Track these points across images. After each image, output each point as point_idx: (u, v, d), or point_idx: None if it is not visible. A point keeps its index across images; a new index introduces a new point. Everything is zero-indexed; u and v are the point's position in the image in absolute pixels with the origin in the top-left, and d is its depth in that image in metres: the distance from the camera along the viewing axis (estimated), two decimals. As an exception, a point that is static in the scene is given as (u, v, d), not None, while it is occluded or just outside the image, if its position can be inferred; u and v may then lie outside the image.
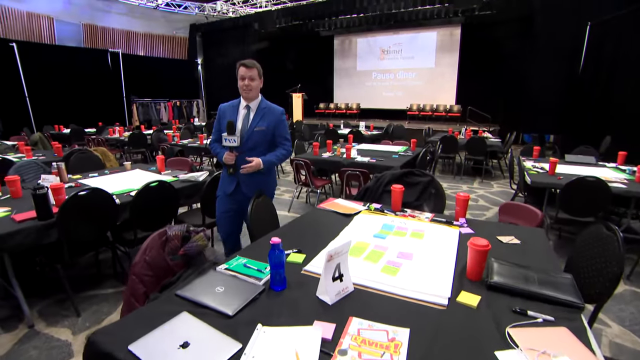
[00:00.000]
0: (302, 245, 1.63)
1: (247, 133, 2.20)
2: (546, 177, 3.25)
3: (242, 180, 2.26)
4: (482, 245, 1.29)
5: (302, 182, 4.20)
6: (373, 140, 6.40)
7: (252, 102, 2.23)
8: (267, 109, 2.26)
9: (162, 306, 1.18)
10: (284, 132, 2.32)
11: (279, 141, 2.32)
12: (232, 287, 1.27)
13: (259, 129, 2.21)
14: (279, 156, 2.31)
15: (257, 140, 2.23)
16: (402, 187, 2.10)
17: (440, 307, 1.17)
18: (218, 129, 2.30)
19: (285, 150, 2.34)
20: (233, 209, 2.36)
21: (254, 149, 2.23)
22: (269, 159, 2.26)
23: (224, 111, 2.28)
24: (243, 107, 2.24)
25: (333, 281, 1.21)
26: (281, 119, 2.29)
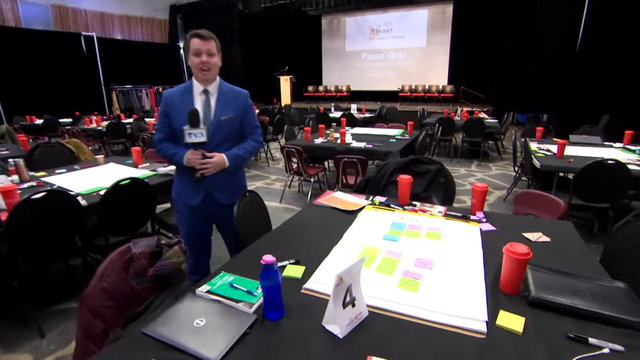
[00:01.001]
0: (300, 253, 1.37)
1: (212, 125, 1.74)
2: (555, 160, 3.04)
3: (215, 185, 1.79)
4: (522, 253, 1.05)
5: (293, 170, 3.92)
6: (366, 124, 6.11)
7: (211, 84, 1.76)
8: (230, 93, 1.81)
9: (125, 350, 0.92)
10: (253, 119, 1.89)
11: (248, 130, 1.88)
12: (216, 319, 1.01)
13: (226, 117, 1.76)
14: (249, 149, 1.86)
15: (225, 133, 1.78)
16: (410, 177, 1.84)
17: (478, 336, 0.93)
18: (167, 125, 1.77)
19: (255, 141, 1.90)
20: (199, 225, 1.89)
21: (222, 143, 1.78)
22: (236, 153, 1.81)
23: (172, 100, 1.75)
24: (199, 93, 1.75)
25: (344, 308, 0.96)
26: (249, 104, 1.88)
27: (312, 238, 1.53)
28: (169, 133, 1.78)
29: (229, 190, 1.84)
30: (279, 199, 4.16)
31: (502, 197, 4.12)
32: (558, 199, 1.86)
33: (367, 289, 1.10)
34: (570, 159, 3.03)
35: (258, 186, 4.80)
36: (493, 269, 1.24)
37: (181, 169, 1.82)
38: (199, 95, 1.76)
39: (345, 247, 1.41)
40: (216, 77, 1.79)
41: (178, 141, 1.75)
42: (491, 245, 1.41)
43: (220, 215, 1.87)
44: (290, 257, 1.34)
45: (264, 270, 0.98)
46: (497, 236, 1.51)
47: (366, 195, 2.02)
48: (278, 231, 1.62)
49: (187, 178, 1.78)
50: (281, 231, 1.62)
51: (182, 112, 1.65)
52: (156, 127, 1.83)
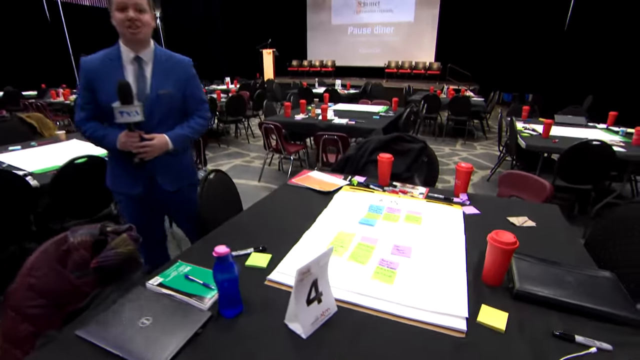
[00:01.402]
0: (268, 238, 1.25)
1: (149, 100, 1.41)
2: (541, 141, 2.97)
3: (157, 170, 1.51)
4: (507, 242, 0.95)
5: (272, 148, 3.75)
6: (350, 100, 5.93)
7: (144, 51, 1.41)
8: (168, 61, 1.48)
9: (56, 356, 0.79)
10: (198, 92, 1.57)
11: (193, 106, 1.57)
12: (165, 317, 0.89)
13: (165, 92, 1.44)
14: (195, 127, 1.55)
15: (165, 110, 1.47)
16: (391, 156, 1.72)
17: (458, 335, 0.84)
18: (90, 100, 1.41)
19: (202, 118, 1.58)
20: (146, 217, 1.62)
21: (162, 122, 1.47)
22: (180, 132, 1.50)
23: (95, 71, 1.38)
24: (130, 61, 1.40)
25: (308, 305, 0.84)
26: (191, 74, 1.54)
27: (283, 222, 1.40)
28: (94, 111, 1.43)
29: (175, 174, 1.59)
30: (257, 178, 4.00)
31: (485, 177, 4.08)
32: (544, 180, 1.79)
33: (337, 280, 0.99)
34: (556, 139, 2.97)
35: (236, 164, 4.62)
36: (476, 256, 1.15)
37: (115, 153, 1.48)
38: (129, 65, 1.41)
39: (318, 233, 1.29)
40: (150, 42, 1.45)
41: (107, 119, 1.42)
42: (474, 231, 1.32)
43: (168, 204, 1.64)
44: (256, 243, 1.21)
45: (217, 263, 0.85)
46: (481, 220, 1.43)
47: (345, 174, 1.90)
48: (246, 214, 1.49)
49: (123, 163, 1.47)
50: (250, 214, 1.49)
51: (110, 86, 1.31)
52: (77, 104, 1.44)
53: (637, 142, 2.78)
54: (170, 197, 1.59)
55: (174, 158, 1.54)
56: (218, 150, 5.25)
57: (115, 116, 1.31)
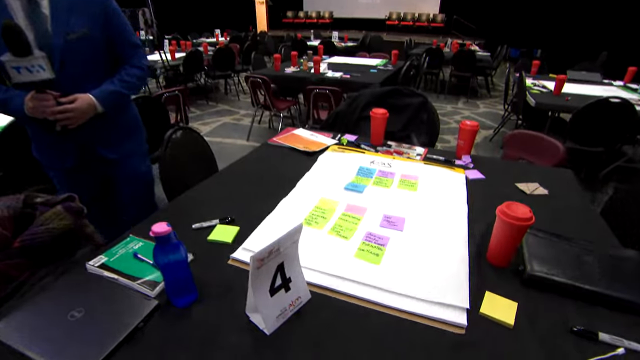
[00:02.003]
0: (239, 207, 1.07)
1: (56, 49, 1.06)
2: (552, 98, 2.72)
3: (93, 135, 1.22)
4: (522, 217, 0.77)
5: (261, 104, 3.48)
6: (347, 53, 5.52)
7: None
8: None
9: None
10: (126, 34, 1.21)
11: (123, 52, 1.22)
12: (101, 307, 0.73)
13: (77, 34, 1.08)
14: (129, 80, 1.21)
15: (84, 61, 1.13)
16: (386, 111, 1.50)
17: (456, 331, 0.68)
18: None
19: (137, 67, 1.24)
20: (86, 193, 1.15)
21: (84, 78, 1.14)
22: (109, 89, 1.17)
23: None
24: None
25: (272, 295, 0.68)
26: (112, 9, 1.16)
27: (259, 187, 1.21)
28: None
29: (118, 137, 1.29)
30: (246, 137, 3.76)
31: (488, 137, 3.86)
32: (556, 141, 1.59)
33: (312, 260, 0.83)
34: (568, 96, 2.72)
35: (225, 122, 4.36)
36: (479, 230, 0.98)
37: (29, 121, 1.12)
38: (13, 0, 1.01)
39: (296, 200, 1.11)
40: None
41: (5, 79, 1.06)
42: (479, 198, 1.15)
43: (113, 175, 1.35)
44: (224, 213, 1.04)
45: (158, 245, 0.67)
46: (486, 186, 1.24)
47: (334, 133, 1.69)
48: (217, 178, 1.30)
49: (44, 131, 1.17)
50: (221, 178, 1.30)
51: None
52: None
53: (657, 101, 2.54)
54: (114, 167, 1.31)
55: (110, 120, 1.24)
56: (206, 108, 4.95)
57: (9, 75, 0.96)
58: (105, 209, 1.44)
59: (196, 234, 0.95)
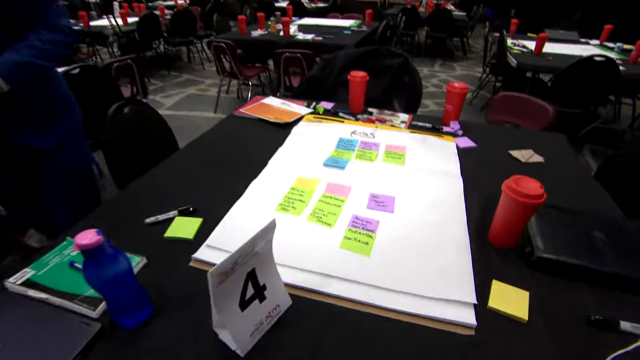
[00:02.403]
0: (201, 195, 0.91)
1: None
2: (533, 58, 2.62)
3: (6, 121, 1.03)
4: (534, 194, 0.67)
5: (227, 72, 3.19)
6: (318, 14, 5.17)
7: None
8: None
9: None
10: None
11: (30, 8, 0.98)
12: (23, 340, 0.57)
13: None
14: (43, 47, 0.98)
15: None
16: (366, 74, 1.34)
17: (465, 332, 0.58)
18: None
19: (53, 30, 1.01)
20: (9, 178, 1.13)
21: None
22: (12, 58, 0.94)
23: None
24: None
25: (243, 309, 0.55)
26: None
27: (224, 168, 1.05)
28: None
29: (39, 121, 1.06)
30: (213, 109, 3.49)
31: (467, 100, 3.77)
32: (545, 103, 1.49)
33: (291, 255, 0.70)
34: (549, 56, 2.62)
35: (190, 93, 4.03)
36: (478, 206, 0.88)
37: None
38: None
39: (268, 182, 0.96)
40: None
41: None
42: (473, 170, 1.04)
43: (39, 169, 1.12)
44: (184, 202, 0.87)
45: (88, 261, 0.51)
46: (479, 155, 1.14)
47: (308, 100, 1.51)
48: (175, 160, 1.11)
49: None
50: (180, 160, 1.12)
51: None
52: None
53: (635, 59, 2.49)
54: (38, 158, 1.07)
55: (25, 100, 1.00)
56: (168, 79, 4.55)
57: None
58: (34, 211, 1.21)
59: (150, 231, 0.79)
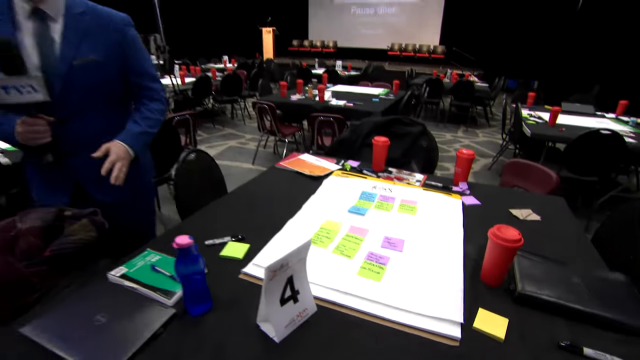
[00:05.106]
0: (249, 226, 1.14)
1: (58, 73, 1.01)
2: (547, 129, 2.84)
3: (85, 175, 1.13)
4: (511, 239, 0.84)
5: (267, 129, 3.61)
6: (350, 82, 5.73)
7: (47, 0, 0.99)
8: (89, 15, 1.06)
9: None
10: (144, 63, 1.17)
11: (138, 83, 1.17)
12: (123, 314, 0.79)
13: (85, 60, 1.04)
14: (152, 117, 1.17)
15: (88, 89, 1.07)
16: (387, 139, 1.60)
17: (451, 343, 0.74)
18: None
19: (159, 101, 1.20)
20: None
21: (86, 107, 1.09)
22: (135, 130, 1.12)
23: None
24: (27, 15, 0.99)
25: (282, 305, 0.74)
26: (131, 37, 1.13)
27: (266, 208, 1.29)
28: None
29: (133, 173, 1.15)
30: (251, 161, 3.87)
31: (487, 165, 3.96)
32: (550, 170, 1.67)
33: (318, 276, 0.89)
34: (562, 127, 2.83)
35: (231, 145, 4.49)
36: (474, 252, 1.05)
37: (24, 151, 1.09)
38: (26, 21, 0.98)
39: (302, 221, 1.18)
40: None
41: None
42: (474, 223, 1.22)
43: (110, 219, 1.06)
44: (235, 231, 1.11)
45: (180, 256, 0.74)
46: (482, 212, 1.32)
47: (338, 158, 1.78)
48: (227, 199, 1.38)
49: (36, 160, 1.08)
50: (231, 199, 1.38)
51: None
52: None
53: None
54: (107, 210, 1.06)
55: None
56: (213, 131, 5.10)
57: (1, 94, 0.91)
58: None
59: (209, 250, 1.02)
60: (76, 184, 1.15)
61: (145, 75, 1.19)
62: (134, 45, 1.15)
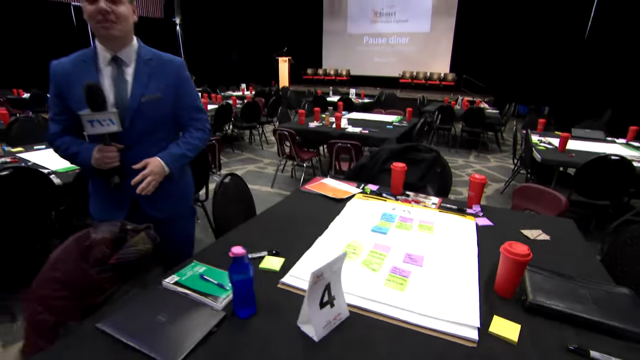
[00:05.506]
0: (281, 243, 1.27)
1: (129, 109, 1.21)
2: (556, 154, 2.94)
3: (142, 196, 1.26)
4: (521, 254, 0.95)
5: (286, 154, 3.80)
6: (364, 109, 5.96)
7: (124, 49, 1.22)
8: (155, 61, 1.28)
9: (77, 347, 0.82)
10: (193, 99, 1.37)
11: (187, 116, 1.36)
12: (181, 314, 0.91)
13: (151, 97, 1.24)
14: (194, 143, 1.35)
15: (151, 121, 1.27)
16: (405, 165, 1.73)
17: (469, 344, 0.84)
18: (62, 110, 1.23)
19: (202, 131, 1.39)
20: None
21: (147, 135, 1.27)
22: (176, 152, 1.31)
23: (64, 74, 1.21)
24: (107, 62, 1.21)
25: (321, 308, 0.86)
26: (185, 77, 1.33)
27: (296, 227, 1.42)
28: (68, 123, 1.24)
29: (165, 199, 1.35)
30: (270, 184, 4.04)
31: (499, 189, 4.03)
32: (559, 194, 1.77)
33: (349, 286, 1.01)
34: (572, 153, 2.93)
35: (250, 169, 4.68)
36: (488, 267, 1.15)
37: (92, 174, 1.30)
38: (106, 66, 1.21)
39: (330, 239, 1.31)
40: (131, 39, 1.25)
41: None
42: (487, 242, 1.32)
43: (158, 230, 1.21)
44: (270, 247, 1.24)
45: (233, 264, 0.87)
46: (494, 232, 1.42)
47: (358, 182, 1.91)
48: (260, 218, 1.52)
49: (103, 186, 1.28)
50: (263, 218, 1.52)
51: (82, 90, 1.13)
52: (49, 116, 1.27)
53: (658, 158, 2.71)
54: (158, 226, 1.20)
55: (168, 183, 1.32)
56: (232, 156, 5.33)
57: (84, 127, 1.13)
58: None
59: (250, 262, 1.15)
60: (133, 201, 1.32)
61: (194, 109, 1.38)
62: (187, 84, 1.35)
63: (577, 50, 7.57)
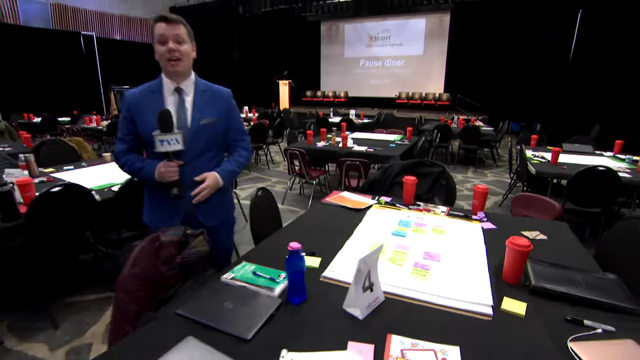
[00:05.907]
0: (314, 246, 1.46)
1: (190, 131, 1.44)
2: (550, 167, 3.18)
3: (197, 204, 1.48)
4: (523, 245, 1.15)
5: (296, 172, 4.01)
6: (365, 129, 6.23)
7: (185, 81, 1.46)
8: (209, 91, 1.52)
9: (160, 329, 0.99)
10: (238, 123, 1.60)
11: (235, 137, 1.59)
12: (244, 302, 1.09)
13: (207, 121, 1.47)
14: (241, 161, 1.60)
15: (206, 141, 1.48)
16: (415, 178, 1.94)
17: (486, 318, 1.02)
18: (130, 131, 1.46)
19: (246, 150, 1.62)
20: None
21: (203, 153, 1.49)
22: (229, 169, 1.55)
23: (136, 103, 1.43)
24: (171, 92, 1.45)
25: (363, 292, 1.04)
26: (232, 105, 1.57)
27: (323, 234, 1.61)
28: (134, 143, 1.48)
29: (215, 209, 1.57)
30: (281, 201, 4.23)
31: (497, 202, 4.25)
32: (553, 201, 1.98)
33: (381, 277, 1.19)
34: (564, 165, 3.17)
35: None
36: (495, 262, 1.34)
37: (151, 187, 1.52)
38: (170, 95, 1.45)
39: (358, 241, 1.50)
40: (190, 72, 1.49)
41: (147, 150, 1.48)
42: (493, 242, 1.52)
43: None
44: (305, 249, 1.42)
45: (290, 257, 1.06)
46: (498, 234, 1.62)
47: (371, 195, 2.12)
48: (290, 227, 1.71)
49: (160, 197, 1.48)
50: (293, 227, 1.71)
51: (151, 116, 1.37)
52: (118, 136, 1.49)
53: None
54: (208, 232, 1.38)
55: (218, 194, 1.54)
56: (241, 175, 5.53)
57: (155, 145, 1.35)
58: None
59: (291, 261, 1.33)
60: (188, 213, 1.52)
61: (240, 131, 1.62)
62: (234, 110, 1.59)
63: (563, 71, 8.01)
